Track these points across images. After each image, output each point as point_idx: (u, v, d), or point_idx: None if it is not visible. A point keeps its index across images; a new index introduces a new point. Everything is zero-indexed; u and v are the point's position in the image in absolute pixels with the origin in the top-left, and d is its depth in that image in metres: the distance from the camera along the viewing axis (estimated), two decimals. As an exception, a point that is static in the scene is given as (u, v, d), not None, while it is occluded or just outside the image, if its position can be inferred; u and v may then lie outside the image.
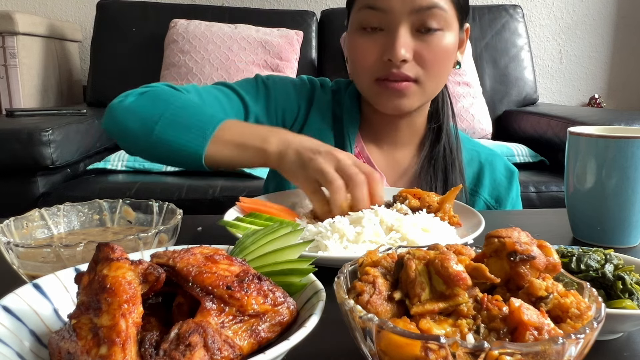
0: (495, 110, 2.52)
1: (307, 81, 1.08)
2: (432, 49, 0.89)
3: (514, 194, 1.06)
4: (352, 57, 0.95)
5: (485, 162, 1.06)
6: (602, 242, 0.73)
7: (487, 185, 1.04)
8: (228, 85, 1.01)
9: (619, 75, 3.05)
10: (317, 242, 0.65)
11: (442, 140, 1.01)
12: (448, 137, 1.02)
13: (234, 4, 2.74)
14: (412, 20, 0.87)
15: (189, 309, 0.39)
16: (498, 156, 1.09)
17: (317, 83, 1.08)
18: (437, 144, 1.02)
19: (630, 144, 0.69)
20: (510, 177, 1.05)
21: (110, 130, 0.91)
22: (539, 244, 0.40)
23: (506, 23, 2.62)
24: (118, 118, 0.88)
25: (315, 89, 1.07)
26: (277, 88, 1.03)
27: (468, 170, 1.04)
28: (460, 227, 0.75)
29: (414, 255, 0.39)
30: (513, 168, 1.07)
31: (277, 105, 1.02)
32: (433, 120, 1.04)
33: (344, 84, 1.08)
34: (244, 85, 1.02)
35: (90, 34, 2.53)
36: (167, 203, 0.68)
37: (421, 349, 0.31)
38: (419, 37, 0.88)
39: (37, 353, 0.38)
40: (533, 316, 0.34)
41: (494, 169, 1.05)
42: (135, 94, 0.90)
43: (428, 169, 1.01)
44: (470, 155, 1.06)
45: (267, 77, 1.05)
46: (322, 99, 1.06)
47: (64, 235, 0.65)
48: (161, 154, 0.85)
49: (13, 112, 2.01)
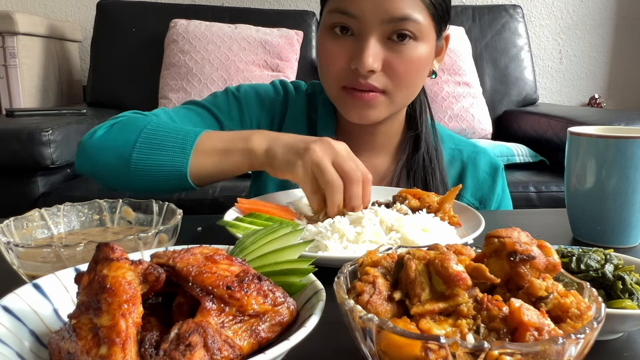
0: (495, 110, 2.52)
1: (279, 86, 1.05)
2: (403, 60, 0.84)
3: (499, 190, 1.04)
4: (320, 60, 0.91)
5: (468, 161, 1.04)
6: (602, 242, 0.73)
7: (469, 187, 1.02)
8: (198, 104, 0.98)
9: (619, 75, 3.05)
10: (317, 242, 0.65)
11: (421, 150, 0.98)
12: (427, 146, 0.99)
13: (234, 4, 2.74)
14: (383, 29, 0.83)
15: (189, 309, 0.39)
16: (481, 152, 1.06)
17: (290, 87, 1.05)
18: (416, 153, 0.99)
19: (630, 144, 0.69)
20: (494, 174, 1.03)
21: (84, 168, 0.85)
22: (539, 244, 0.40)
23: (506, 23, 2.61)
24: (90, 154, 0.83)
25: (288, 93, 1.04)
26: (249, 98, 1.00)
27: (450, 171, 1.02)
28: (460, 227, 0.75)
29: (414, 255, 0.39)
30: (497, 163, 1.05)
31: (252, 116, 1.00)
32: (411, 128, 1.01)
33: (319, 86, 1.03)
34: (215, 102, 0.99)
35: (90, 34, 2.53)
36: (167, 203, 0.68)
37: (421, 349, 0.31)
38: (389, 46, 0.84)
39: (37, 353, 0.38)
40: (533, 317, 0.34)
41: (476, 168, 1.03)
42: (104, 127, 0.85)
43: (407, 180, 0.99)
44: (451, 156, 1.04)
45: (238, 88, 1.02)
46: (297, 104, 1.03)
47: (64, 235, 0.65)
48: (143, 182, 0.80)
49: (13, 112, 2.01)
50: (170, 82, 2.25)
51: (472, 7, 2.63)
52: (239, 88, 1.02)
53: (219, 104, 0.99)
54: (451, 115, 2.29)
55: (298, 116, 1.02)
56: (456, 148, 1.06)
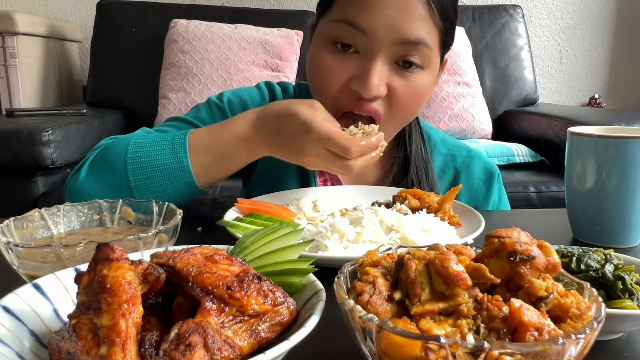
0: (495, 110, 2.52)
1: (265, 88, 1.01)
2: (409, 88, 0.80)
3: (495, 197, 1.01)
4: (314, 76, 0.84)
5: (461, 168, 1.01)
6: (602, 242, 0.73)
7: (463, 195, 0.98)
8: (181, 119, 0.94)
9: (619, 75, 3.05)
10: (317, 242, 0.65)
11: (410, 173, 0.96)
12: (416, 168, 0.96)
13: (234, 4, 2.74)
14: (393, 51, 0.77)
15: (189, 309, 0.39)
16: (476, 157, 1.02)
17: (277, 89, 1.02)
18: (406, 175, 0.96)
19: (630, 144, 0.69)
20: (489, 181, 1.00)
21: None
22: (539, 244, 0.40)
23: (506, 23, 2.61)
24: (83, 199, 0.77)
25: (275, 95, 1.01)
26: (233, 106, 0.97)
27: (443, 180, 1.00)
28: (460, 227, 0.75)
29: (414, 256, 0.39)
30: (493, 169, 1.02)
31: None
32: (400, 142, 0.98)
33: (306, 88, 0.97)
34: (197, 115, 0.95)
35: (90, 34, 2.53)
36: (167, 203, 0.68)
37: (421, 349, 0.31)
38: (396, 70, 0.79)
39: (37, 353, 0.38)
40: (533, 317, 0.34)
41: (470, 175, 1.00)
42: (85, 166, 0.80)
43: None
44: (444, 162, 1.01)
45: (220, 97, 0.98)
46: None
47: (64, 235, 0.65)
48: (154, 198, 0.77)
49: (13, 112, 2.01)
50: (170, 82, 2.25)
51: (472, 7, 2.63)
52: (221, 97, 0.98)
53: (202, 116, 0.95)
54: (451, 115, 2.29)
55: None
56: (449, 154, 1.03)
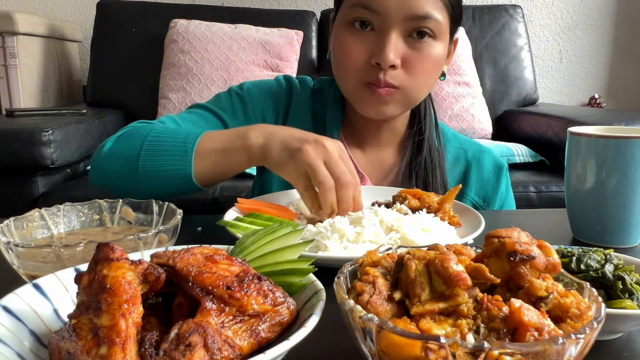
0: (495, 110, 2.52)
1: (283, 81, 1.06)
2: (422, 58, 0.87)
3: (503, 189, 1.05)
4: (338, 55, 0.92)
5: (472, 161, 1.05)
6: (602, 242, 0.73)
7: (473, 185, 1.04)
8: (202, 106, 1.00)
9: (619, 75, 3.05)
10: (317, 242, 0.65)
11: (424, 151, 1.00)
12: (430, 148, 1.01)
13: (234, 4, 2.75)
14: (405, 26, 0.85)
15: (189, 309, 0.39)
16: (486, 152, 1.08)
17: (295, 82, 1.06)
18: (419, 154, 1.00)
19: (630, 144, 0.69)
20: (498, 173, 1.05)
21: (97, 180, 0.88)
22: (539, 244, 0.40)
23: (506, 23, 2.61)
24: (101, 166, 0.86)
25: (293, 88, 1.05)
26: (253, 96, 1.02)
27: (454, 170, 1.04)
28: (460, 227, 0.75)
29: (414, 255, 0.39)
30: (502, 163, 1.07)
31: (256, 113, 1.01)
32: (414, 125, 1.03)
33: (327, 82, 1.06)
34: (219, 103, 1.00)
35: (90, 34, 2.53)
36: (167, 203, 0.68)
37: (421, 349, 0.31)
38: (409, 43, 0.87)
39: (37, 353, 0.38)
40: (533, 317, 0.34)
41: (480, 167, 1.05)
42: (112, 139, 0.88)
43: (410, 180, 1.00)
44: (456, 154, 1.06)
45: (241, 87, 1.03)
46: (301, 98, 1.04)
47: (64, 235, 0.65)
48: (152, 188, 0.81)
49: (13, 112, 2.01)
50: (170, 82, 2.25)
51: (472, 7, 2.63)
52: (242, 86, 1.03)
53: (222, 104, 1.00)
54: (451, 115, 2.29)
55: (302, 111, 1.03)
56: (461, 147, 1.07)
